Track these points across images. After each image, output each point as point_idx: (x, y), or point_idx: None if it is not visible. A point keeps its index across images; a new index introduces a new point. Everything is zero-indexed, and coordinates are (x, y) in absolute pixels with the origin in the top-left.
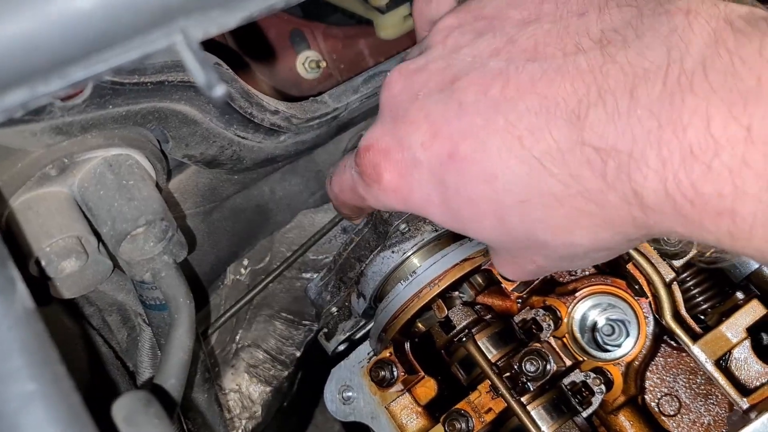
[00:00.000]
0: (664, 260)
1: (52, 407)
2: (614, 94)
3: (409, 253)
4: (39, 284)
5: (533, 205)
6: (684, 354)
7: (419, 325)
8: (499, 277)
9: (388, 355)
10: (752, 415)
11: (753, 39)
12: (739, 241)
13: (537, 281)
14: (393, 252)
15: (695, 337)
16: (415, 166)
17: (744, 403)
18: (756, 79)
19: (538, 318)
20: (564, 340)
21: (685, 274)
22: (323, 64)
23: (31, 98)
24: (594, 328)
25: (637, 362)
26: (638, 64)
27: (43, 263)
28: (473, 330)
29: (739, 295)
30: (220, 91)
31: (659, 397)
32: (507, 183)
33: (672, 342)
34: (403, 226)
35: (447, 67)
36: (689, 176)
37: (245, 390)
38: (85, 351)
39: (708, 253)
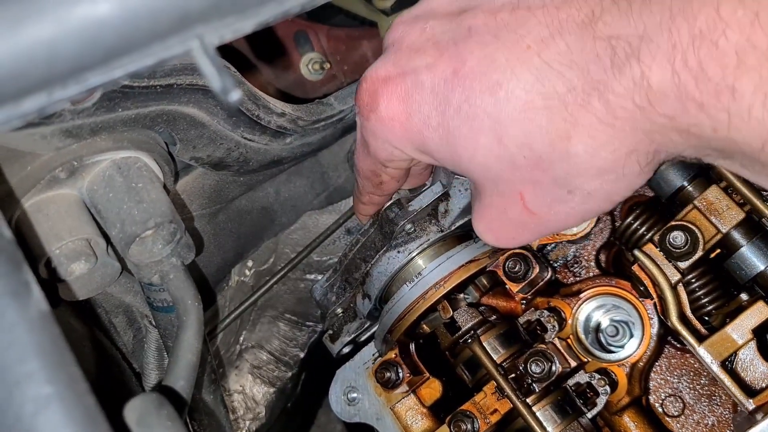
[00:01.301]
0: (670, 262)
1: (69, 409)
2: None
3: (415, 254)
4: (48, 286)
5: (535, 111)
6: (688, 355)
7: (424, 326)
8: (504, 279)
9: (393, 356)
10: (758, 416)
11: None
12: (736, 119)
13: (542, 282)
14: (398, 252)
15: (701, 339)
16: (417, 89)
17: (750, 404)
18: None
19: (542, 319)
20: (568, 341)
21: (690, 276)
22: (327, 65)
23: (49, 103)
24: (598, 329)
25: (641, 363)
26: None
27: (52, 265)
28: (478, 331)
29: (745, 296)
30: (235, 96)
31: (663, 397)
32: (511, 90)
33: (676, 343)
34: (408, 226)
35: (451, 3)
36: (697, 53)
37: (249, 391)
38: (92, 352)
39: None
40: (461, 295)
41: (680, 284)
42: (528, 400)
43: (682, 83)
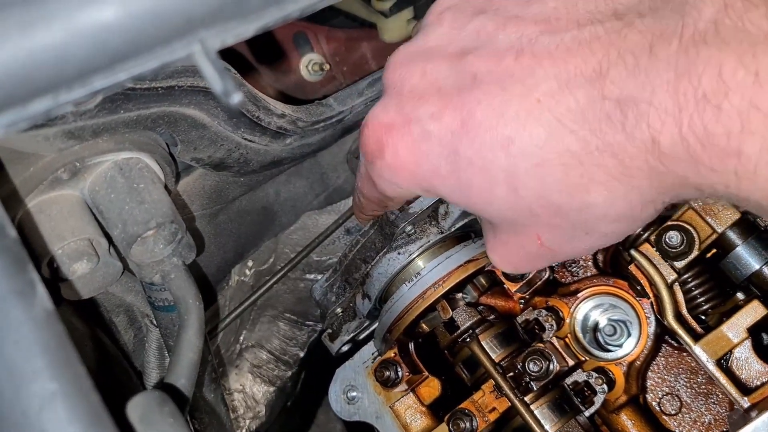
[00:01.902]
0: (666, 262)
1: (74, 406)
2: (633, 53)
3: (415, 255)
4: (50, 286)
5: (551, 166)
6: (685, 354)
7: (423, 325)
8: (502, 278)
9: (392, 355)
10: (753, 414)
11: (759, 6)
12: (745, 181)
13: (540, 282)
14: (399, 253)
15: (697, 338)
16: (424, 139)
17: (745, 402)
18: (764, 35)
19: (540, 318)
20: (566, 340)
21: (686, 275)
22: (326, 66)
23: (54, 106)
24: (596, 328)
25: (638, 362)
26: (655, 27)
27: (55, 265)
28: (477, 330)
29: (740, 295)
30: (236, 98)
31: (660, 396)
32: (524, 146)
33: (673, 342)
34: (409, 228)
35: (452, 43)
36: (702, 118)
37: (249, 390)
38: (94, 351)
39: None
40: (460, 295)
41: (676, 284)
42: (526, 399)
43: (691, 147)
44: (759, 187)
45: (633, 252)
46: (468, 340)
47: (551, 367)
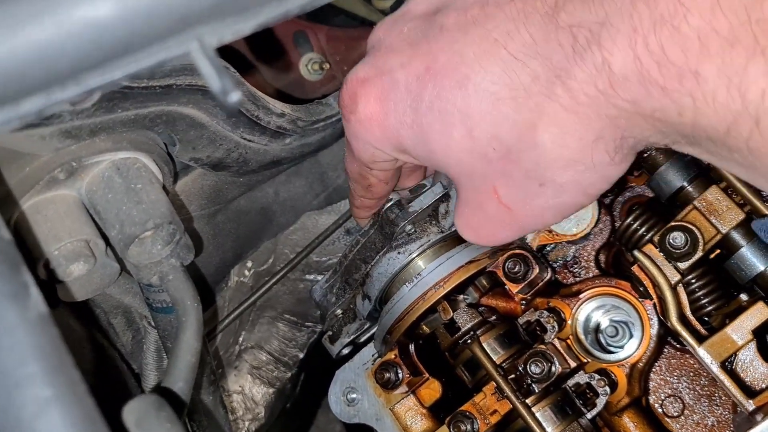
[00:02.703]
0: (670, 262)
1: (69, 412)
2: None
3: (415, 255)
4: (47, 287)
5: (503, 103)
6: (687, 355)
7: (424, 327)
8: (504, 279)
9: (392, 356)
10: (758, 417)
11: None
12: (700, 105)
13: (542, 283)
14: (399, 253)
15: (701, 339)
16: (392, 88)
17: (750, 405)
18: None
19: (542, 320)
20: (568, 341)
21: (690, 276)
22: (326, 65)
23: (48, 105)
24: (598, 329)
25: (641, 364)
26: None
27: (51, 266)
28: (478, 332)
29: (744, 297)
30: (235, 97)
31: (663, 398)
32: (479, 83)
33: (675, 343)
34: (409, 227)
35: (429, 4)
36: (658, 38)
37: (248, 391)
38: (91, 353)
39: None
40: (461, 297)
41: (680, 285)
42: (528, 401)
43: (644, 67)
44: (715, 111)
45: (636, 253)
46: (469, 341)
47: (553, 368)
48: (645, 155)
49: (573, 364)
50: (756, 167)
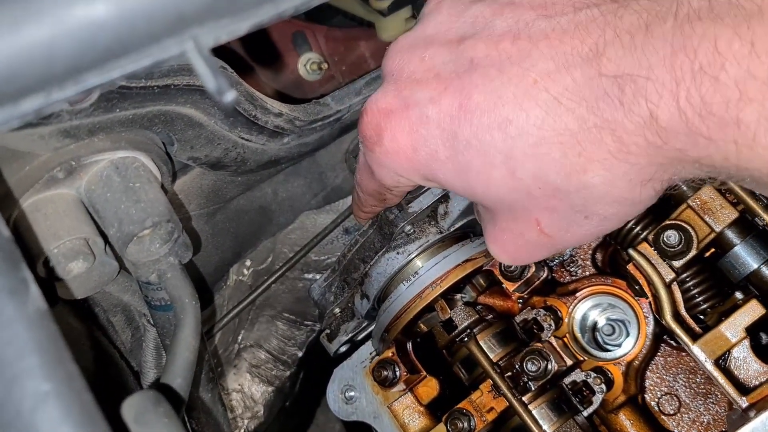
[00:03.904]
0: (664, 261)
1: (66, 406)
2: (630, 32)
3: (414, 255)
4: (46, 285)
5: (548, 146)
6: (684, 353)
7: (421, 325)
8: (501, 278)
9: (390, 354)
10: (751, 413)
11: None
12: (744, 149)
13: (538, 281)
14: (398, 253)
15: (695, 337)
16: (422, 123)
17: (743, 402)
18: (757, 8)
19: (539, 318)
20: (565, 339)
21: (684, 275)
22: (325, 66)
23: (47, 104)
24: (594, 327)
25: (637, 362)
26: (651, 8)
27: (50, 264)
28: (475, 330)
29: (738, 295)
30: (230, 96)
31: (659, 396)
32: (522, 127)
33: (672, 341)
34: (408, 227)
35: (449, 30)
36: (699, 90)
37: (247, 390)
38: (90, 351)
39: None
40: (458, 296)
41: (674, 283)
42: (524, 399)
43: (689, 120)
44: (758, 155)
45: (631, 251)
46: (466, 339)
47: (549, 366)
48: None
49: (569, 362)
50: None
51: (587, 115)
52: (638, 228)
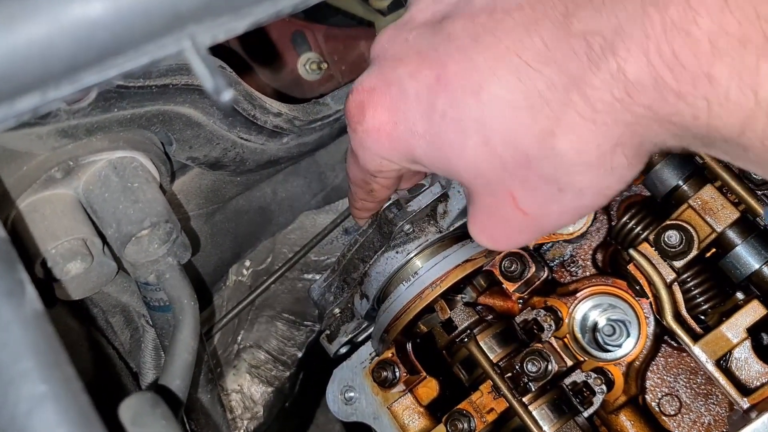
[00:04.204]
0: (665, 261)
1: (63, 408)
2: None
3: (413, 254)
4: (44, 286)
5: (519, 110)
6: (684, 354)
7: (421, 325)
8: (501, 278)
9: (390, 355)
10: (753, 414)
11: None
12: (715, 107)
13: (539, 282)
14: (397, 252)
15: (696, 338)
16: (401, 98)
17: (744, 403)
18: None
19: (539, 318)
20: (565, 340)
21: (685, 275)
22: (324, 65)
23: (43, 103)
24: (595, 328)
25: (637, 362)
26: None
27: (48, 265)
28: (475, 330)
29: (740, 295)
30: (227, 96)
31: (660, 396)
32: (493, 92)
33: (672, 342)
34: (407, 227)
35: (434, 12)
36: (670, 43)
37: (247, 390)
38: (89, 352)
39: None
40: (458, 296)
41: (675, 283)
42: (524, 399)
43: (658, 73)
44: (729, 112)
45: (632, 251)
46: (466, 340)
47: (549, 367)
48: None
49: (570, 363)
50: None
51: (556, 76)
52: (639, 228)
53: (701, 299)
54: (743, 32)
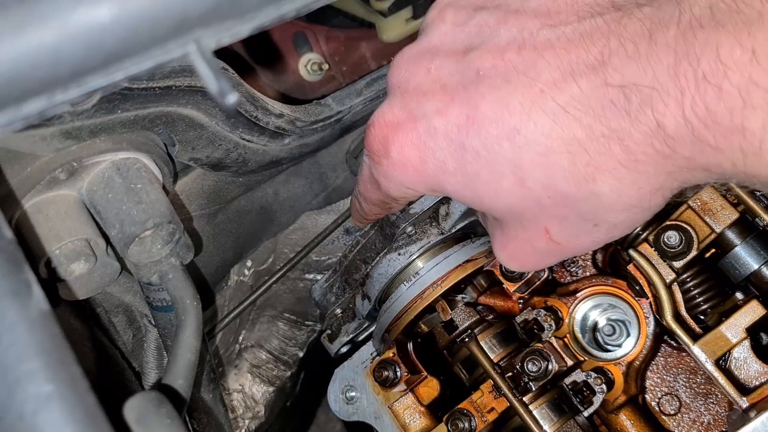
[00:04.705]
0: (665, 261)
1: (70, 408)
2: (634, 40)
3: (415, 256)
4: (48, 286)
5: (557, 155)
6: (684, 354)
7: (422, 325)
8: (501, 278)
9: (391, 355)
10: (752, 414)
11: None
12: (751, 157)
13: (539, 282)
14: (399, 254)
15: (695, 337)
16: (429, 135)
17: (743, 403)
18: (757, 13)
19: (539, 318)
20: (565, 340)
21: (685, 275)
22: (326, 66)
23: (50, 106)
24: (595, 328)
25: (637, 362)
26: (654, 16)
27: (52, 265)
28: (476, 330)
29: (739, 295)
30: (232, 98)
31: (660, 396)
32: (530, 136)
33: (672, 342)
34: (409, 228)
35: (455, 41)
36: (703, 99)
37: (248, 390)
38: (92, 352)
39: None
40: (459, 297)
41: (675, 283)
42: (525, 399)
43: (695, 128)
44: (765, 162)
45: (631, 252)
46: (466, 339)
47: (550, 367)
48: None
49: (570, 363)
50: None
51: (594, 125)
52: (638, 228)
53: (701, 299)
54: None
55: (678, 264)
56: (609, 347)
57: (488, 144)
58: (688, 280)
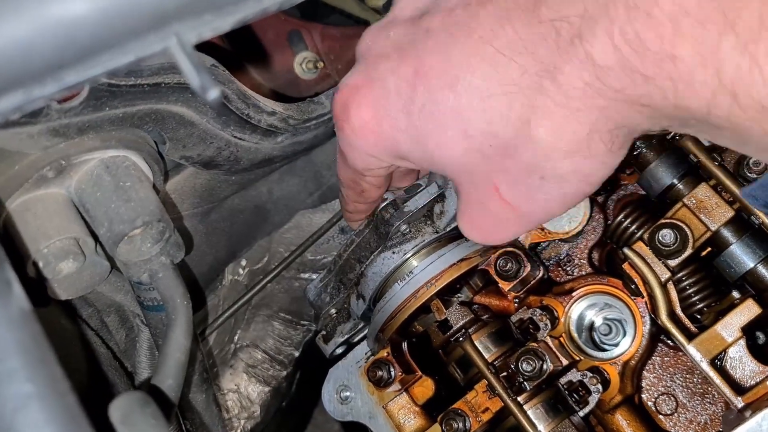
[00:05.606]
0: (660, 260)
1: (49, 408)
2: None
3: (410, 254)
4: (37, 285)
5: (495, 99)
6: (680, 353)
7: (416, 325)
8: (496, 277)
9: (385, 355)
10: (747, 413)
11: None
12: (681, 86)
13: (534, 281)
14: (393, 253)
15: (690, 337)
16: (384, 94)
17: (739, 402)
18: None
19: (534, 317)
20: (561, 339)
21: (680, 274)
22: (321, 64)
23: (27, 101)
24: (591, 327)
25: (633, 361)
26: None
27: (40, 264)
28: (470, 330)
29: (735, 294)
30: (214, 93)
31: (656, 396)
32: (469, 82)
33: (669, 341)
34: (404, 227)
35: (414, 9)
36: (633, 26)
37: (244, 390)
38: (83, 352)
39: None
40: (454, 297)
41: (670, 282)
42: (519, 399)
43: (624, 57)
44: (695, 92)
45: (626, 250)
46: (461, 339)
47: (545, 366)
48: (636, 153)
49: (565, 362)
50: (746, 142)
51: (528, 63)
52: (633, 227)
53: (696, 298)
54: (702, 11)
55: (673, 262)
56: (605, 346)
57: (432, 95)
58: (683, 278)
